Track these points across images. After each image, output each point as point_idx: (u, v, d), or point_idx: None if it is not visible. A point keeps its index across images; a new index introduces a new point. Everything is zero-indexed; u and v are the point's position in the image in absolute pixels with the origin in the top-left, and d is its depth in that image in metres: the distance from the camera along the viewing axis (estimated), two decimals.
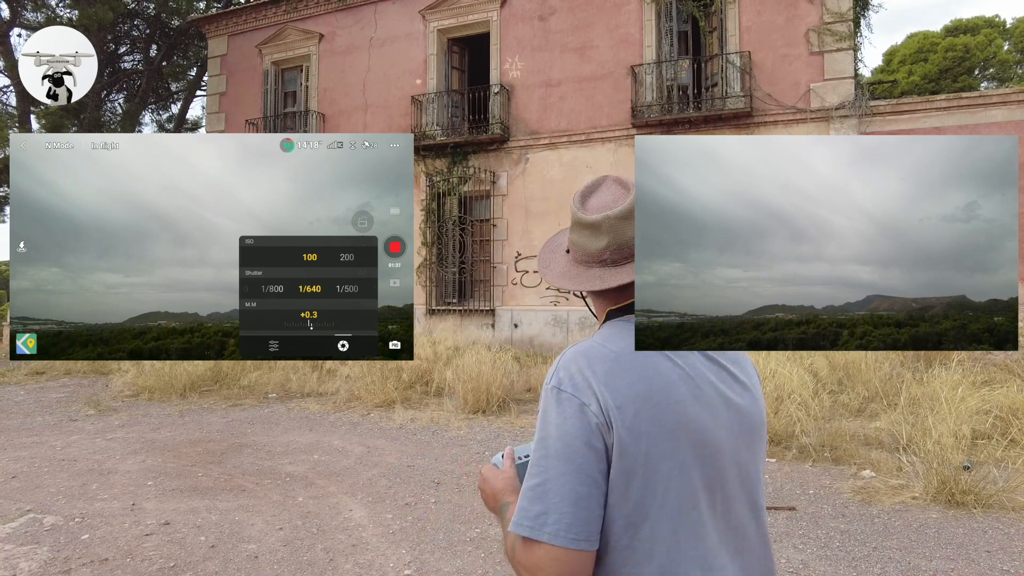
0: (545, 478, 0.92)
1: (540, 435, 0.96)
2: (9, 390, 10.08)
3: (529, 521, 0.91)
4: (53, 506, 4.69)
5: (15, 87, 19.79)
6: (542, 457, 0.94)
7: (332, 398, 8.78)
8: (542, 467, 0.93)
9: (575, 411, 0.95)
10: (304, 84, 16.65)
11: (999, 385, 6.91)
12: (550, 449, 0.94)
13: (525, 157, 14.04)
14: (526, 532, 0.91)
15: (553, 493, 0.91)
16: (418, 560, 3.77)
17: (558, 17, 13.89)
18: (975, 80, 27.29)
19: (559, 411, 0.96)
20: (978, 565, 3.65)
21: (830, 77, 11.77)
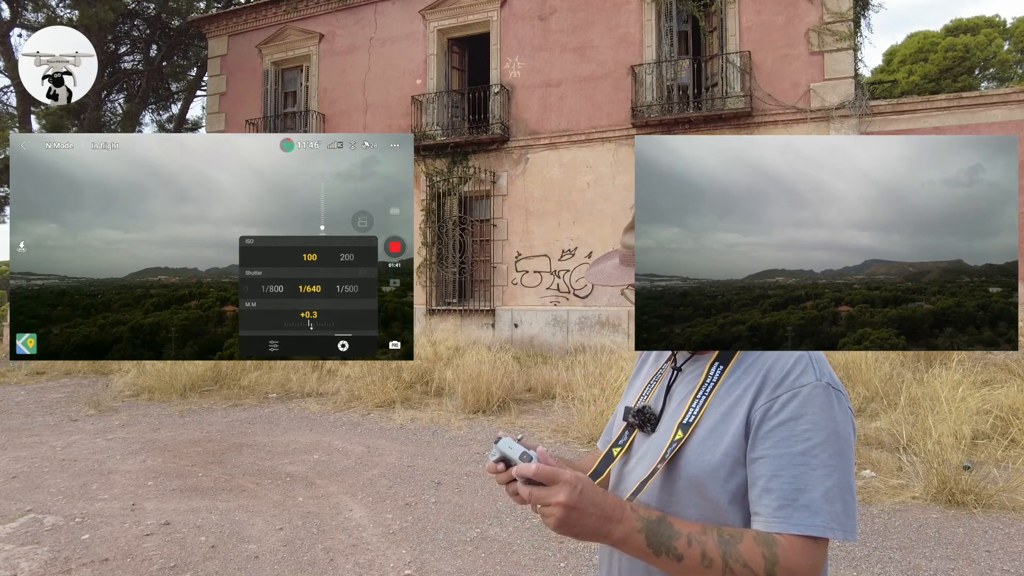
0: (839, 477, 0.92)
1: (825, 434, 0.93)
2: (9, 390, 10.08)
3: (839, 523, 0.91)
4: (53, 506, 4.69)
5: (15, 87, 19.79)
6: (833, 456, 0.93)
7: (332, 398, 8.77)
8: (834, 466, 0.92)
9: (847, 407, 0.98)
10: (304, 84, 16.65)
11: (999, 385, 6.91)
12: (837, 448, 0.94)
13: (525, 157, 14.04)
14: (839, 535, 0.91)
15: (847, 491, 0.93)
16: (418, 560, 3.77)
17: (558, 17, 13.89)
18: (975, 80, 27.28)
19: (840, 408, 0.96)
20: (978, 565, 3.65)
21: (830, 77, 11.77)
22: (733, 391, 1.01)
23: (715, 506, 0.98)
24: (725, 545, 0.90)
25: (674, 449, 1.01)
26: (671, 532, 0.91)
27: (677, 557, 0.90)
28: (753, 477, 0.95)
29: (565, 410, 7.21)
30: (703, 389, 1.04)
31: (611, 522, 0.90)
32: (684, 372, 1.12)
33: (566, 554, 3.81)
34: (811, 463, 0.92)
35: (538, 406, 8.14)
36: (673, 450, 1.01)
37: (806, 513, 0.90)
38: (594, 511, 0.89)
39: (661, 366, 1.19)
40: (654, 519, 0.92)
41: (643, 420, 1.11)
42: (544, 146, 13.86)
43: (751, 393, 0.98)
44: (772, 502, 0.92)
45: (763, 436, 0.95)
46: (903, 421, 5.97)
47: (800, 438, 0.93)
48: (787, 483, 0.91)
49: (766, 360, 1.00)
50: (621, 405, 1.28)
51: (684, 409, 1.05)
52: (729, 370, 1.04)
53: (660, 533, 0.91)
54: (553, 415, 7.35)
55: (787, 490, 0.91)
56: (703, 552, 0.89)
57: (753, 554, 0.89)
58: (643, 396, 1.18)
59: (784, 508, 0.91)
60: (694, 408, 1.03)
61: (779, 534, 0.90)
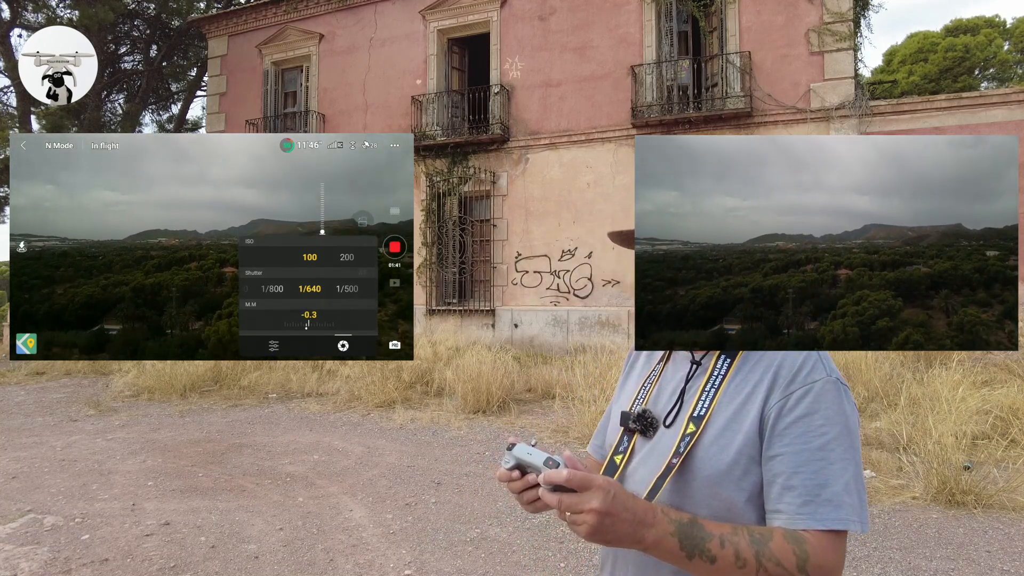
0: (854, 469, 0.94)
1: (839, 429, 0.95)
2: (9, 390, 10.08)
3: (857, 515, 0.92)
4: (53, 506, 4.69)
5: (15, 87, 19.79)
6: (847, 449, 0.94)
7: (332, 398, 8.78)
8: (849, 459, 0.94)
9: (853, 402, 0.99)
10: (304, 84, 16.65)
11: (999, 385, 6.91)
12: (850, 442, 0.95)
13: (525, 157, 14.04)
14: (858, 527, 0.92)
15: (860, 483, 0.94)
16: (418, 560, 3.77)
17: (558, 17, 13.89)
18: (975, 80, 27.28)
19: (848, 403, 0.98)
20: (978, 565, 3.65)
21: (830, 77, 11.77)
22: (743, 388, 1.00)
23: (729, 505, 0.98)
24: (757, 545, 0.89)
25: (688, 443, 1.00)
26: (703, 534, 0.89)
27: (711, 559, 0.89)
28: (771, 475, 0.95)
29: (565, 410, 7.21)
30: (711, 382, 1.04)
31: (644, 526, 0.87)
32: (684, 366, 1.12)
33: (566, 554, 3.81)
34: (829, 457, 0.92)
35: (538, 406, 8.14)
36: (688, 444, 1.00)
37: (830, 507, 0.90)
38: (628, 516, 0.86)
39: (654, 367, 1.18)
40: (686, 521, 0.90)
41: (645, 425, 1.09)
42: (544, 146, 13.87)
43: (763, 391, 0.98)
44: (795, 499, 0.92)
45: (779, 433, 0.95)
46: (903, 421, 5.97)
47: (816, 433, 0.93)
48: (808, 479, 0.92)
49: (774, 357, 1.00)
50: (612, 408, 1.26)
51: (693, 402, 1.04)
52: (736, 364, 1.03)
53: (692, 535, 0.89)
54: (553, 415, 7.35)
55: (809, 486, 0.91)
56: (736, 553, 0.89)
57: (785, 552, 0.89)
58: (639, 399, 1.16)
59: (808, 504, 0.91)
60: (704, 401, 1.02)
61: (806, 531, 0.90)
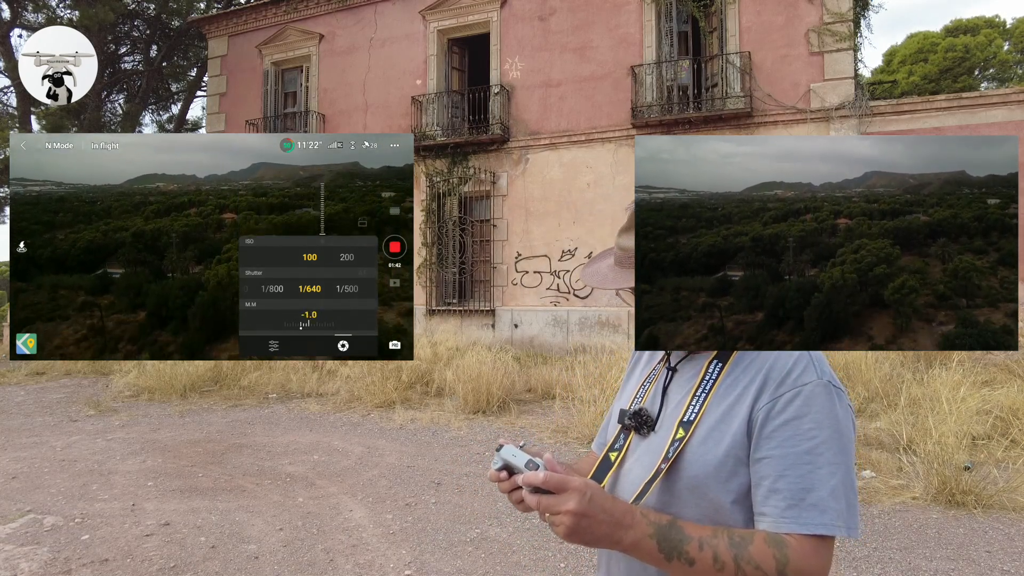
0: (843, 474, 0.92)
1: (828, 432, 0.93)
2: (9, 390, 10.08)
3: (844, 520, 0.91)
4: (53, 506, 4.69)
5: (15, 87, 19.80)
6: (837, 454, 0.93)
7: (332, 398, 8.77)
8: (838, 463, 0.92)
9: (847, 405, 0.97)
10: (304, 84, 16.65)
11: (999, 385, 6.91)
12: (841, 446, 0.94)
13: (525, 157, 14.04)
14: (844, 532, 0.90)
15: (850, 488, 0.93)
16: (418, 560, 3.77)
17: (558, 17, 13.89)
18: (975, 80, 27.28)
19: (841, 406, 0.96)
20: (978, 565, 3.65)
21: (830, 77, 11.77)
22: (733, 390, 1.00)
23: (716, 506, 0.97)
24: (736, 548, 0.89)
25: (677, 448, 1.00)
26: (682, 536, 0.90)
27: (689, 561, 0.89)
28: (757, 477, 0.95)
29: (565, 411, 7.21)
30: (702, 387, 1.03)
31: (622, 528, 0.89)
32: (680, 371, 1.10)
33: (566, 554, 3.81)
34: (817, 462, 0.92)
35: (538, 406, 8.14)
36: (676, 449, 1.00)
37: (814, 512, 0.90)
38: (605, 518, 0.88)
39: (654, 367, 1.18)
40: (664, 523, 0.91)
41: (640, 422, 1.10)
42: (544, 146, 13.87)
43: (752, 392, 0.97)
44: (780, 502, 0.91)
45: (767, 436, 0.94)
46: (903, 421, 5.97)
47: (805, 437, 0.93)
48: (794, 483, 0.91)
49: (766, 359, 0.99)
50: (614, 407, 1.27)
51: (684, 407, 1.03)
52: (728, 367, 1.02)
53: (671, 538, 0.90)
54: (553, 415, 7.35)
55: (794, 490, 0.91)
56: (715, 555, 0.89)
57: (764, 556, 0.88)
58: (638, 398, 1.17)
59: (792, 508, 0.91)
60: (694, 406, 1.02)
61: (788, 534, 0.90)
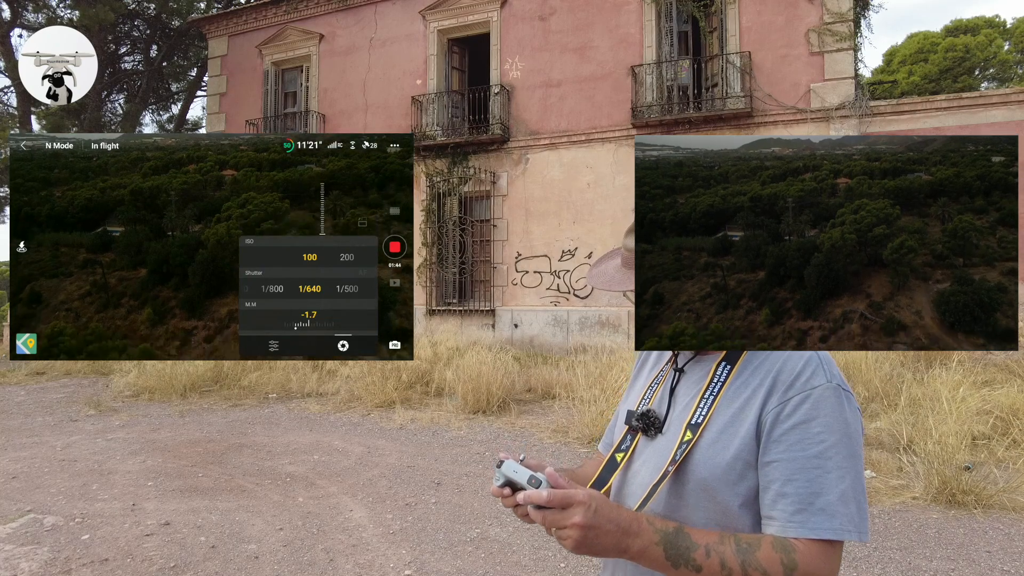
0: (852, 478, 0.92)
1: (838, 436, 0.92)
2: (9, 390, 10.08)
3: (854, 525, 0.90)
4: (53, 506, 4.69)
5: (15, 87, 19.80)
6: (846, 458, 0.92)
7: (332, 398, 8.77)
8: (847, 468, 0.92)
9: (856, 408, 0.96)
10: (304, 84, 16.65)
11: (1000, 385, 6.91)
12: (850, 450, 0.93)
13: (525, 157, 14.04)
14: (853, 536, 0.90)
15: (859, 492, 0.92)
16: (418, 560, 3.77)
17: (558, 17, 13.89)
18: (975, 80, 27.27)
19: (850, 410, 0.95)
20: (978, 565, 3.65)
21: (830, 77, 11.77)
22: (742, 392, 0.99)
23: (724, 509, 0.97)
24: (743, 554, 0.89)
25: (684, 450, 0.99)
26: (689, 543, 0.90)
27: (696, 568, 0.89)
28: (766, 481, 0.94)
29: (565, 410, 7.20)
30: (711, 389, 1.02)
31: (628, 536, 0.88)
32: (687, 373, 1.09)
33: (566, 554, 3.81)
34: (826, 466, 0.91)
35: (538, 406, 8.13)
36: (683, 451, 0.99)
37: (823, 516, 0.89)
38: (611, 527, 0.87)
39: (662, 368, 1.17)
40: (671, 531, 0.90)
41: (647, 424, 1.09)
42: (544, 146, 13.86)
43: (761, 395, 0.96)
44: (788, 506, 0.91)
45: (776, 439, 0.93)
46: (903, 421, 5.97)
47: (814, 440, 0.92)
48: (803, 487, 0.91)
49: (775, 361, 0.98)
50: (621, 407, 1.26)
51: (692, 409, 1.02)
52: (737, 370, 1.01)
53: (678, 545, 0.89)
54: (553, 415, 7.34)
55: (803, 494, 0.90)
56: (722, 562, 0.88)
57: (772, 561, 0.88)
58: (645, 399, 1.15)
59: (800, 512, 0.90)
60: (702, 408, 1.01)
61: (796, 539, 0.90)
